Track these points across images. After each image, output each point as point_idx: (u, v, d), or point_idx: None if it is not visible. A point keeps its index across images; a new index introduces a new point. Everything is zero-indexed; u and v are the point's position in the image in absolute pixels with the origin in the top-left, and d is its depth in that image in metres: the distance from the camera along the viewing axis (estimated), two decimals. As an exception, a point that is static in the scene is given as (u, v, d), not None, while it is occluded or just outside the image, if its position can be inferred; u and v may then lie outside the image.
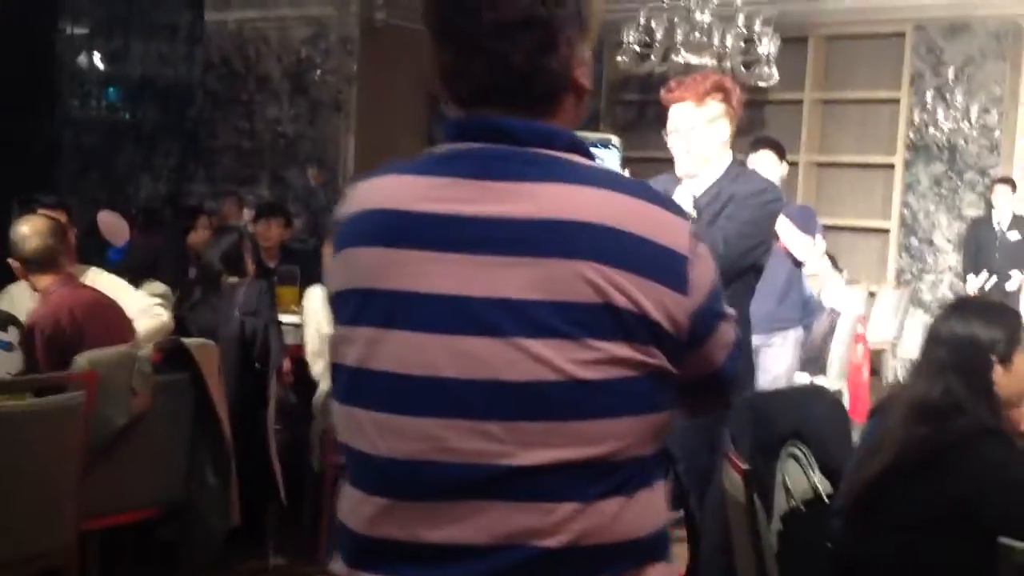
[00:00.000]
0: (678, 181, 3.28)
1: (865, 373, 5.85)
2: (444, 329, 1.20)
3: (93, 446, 3.21)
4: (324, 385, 4.36)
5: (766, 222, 3.25)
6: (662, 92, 3.31)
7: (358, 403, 1.25)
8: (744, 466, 2.39)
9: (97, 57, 7.74)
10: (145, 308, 4.03)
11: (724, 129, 3.21)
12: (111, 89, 7.82)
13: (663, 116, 9.88)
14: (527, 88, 1.24)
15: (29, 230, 3.56)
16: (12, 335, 3.12)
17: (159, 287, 4.88)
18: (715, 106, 3.18)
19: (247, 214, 6.90)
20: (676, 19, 7.64)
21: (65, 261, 3.65)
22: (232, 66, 7.25)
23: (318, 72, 7.37)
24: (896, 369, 7.38)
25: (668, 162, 3.35)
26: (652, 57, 7.77)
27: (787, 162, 5.59)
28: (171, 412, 3.61)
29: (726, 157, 3.26)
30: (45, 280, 3.54)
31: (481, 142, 1.24)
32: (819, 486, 2.85)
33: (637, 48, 7.91)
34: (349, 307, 1.27)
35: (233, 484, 3.72)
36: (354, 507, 1.27)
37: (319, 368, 4.42)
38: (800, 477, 2.89)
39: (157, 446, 3.58)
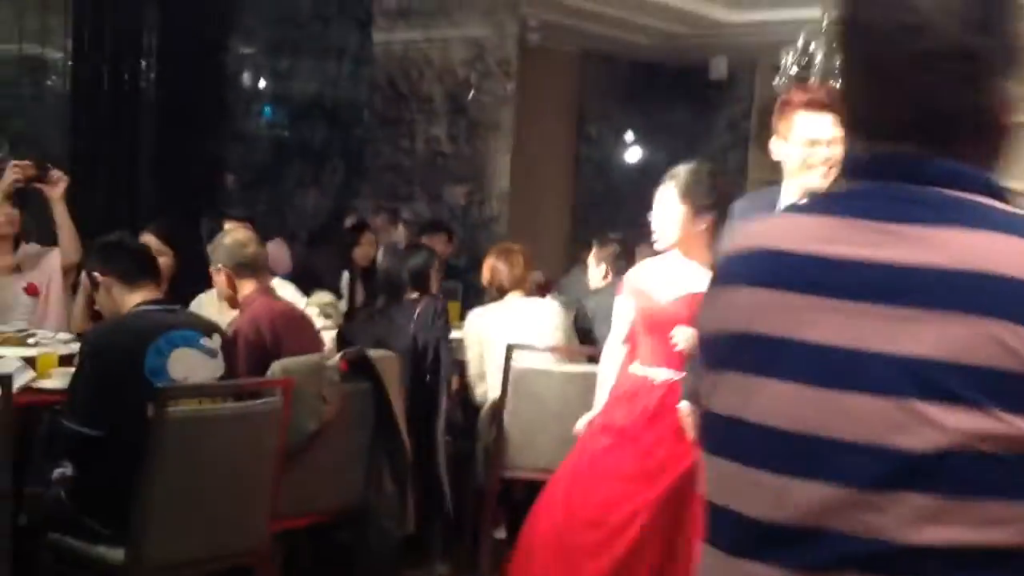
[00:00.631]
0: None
1: None
2: (824, 383, 1.09)
3: (288, 450, 3.35)
4: (487, 403, 4.48)
5: None
6: (795, 97, 2.97)
7: (727, 455, 1.17)
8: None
9: (264, 77, 8.05)
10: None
11: None
12: (270, 108, 8.12)
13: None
14: (948, 125, 1.12)
15: (244, 238, 3.75)
16: (215, 342, 3.28)
17: (326, 296, 5.08)
18: None
19: (401, 230, 7.08)
20: (835, 43, 7.54)
21: (266, 271, 3.84)
22: (397, 87, 7.47)
23: (472, 93, 7.52)
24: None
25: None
26: (812, 80, 7.68)
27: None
28: (354, 420, 3.74)
29: None
30: (248, 287, 3.72)
31: (886, 180, 1.13)
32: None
33: (794, 70, 7.82)
34: (718, 350, 1.19)
35: (410, 493, 3.83)
36: (710, 570, 1.18)
37: (481, 390, 4.55)
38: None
39: (340, 453, 3.71)
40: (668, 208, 3.30)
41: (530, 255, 4.69)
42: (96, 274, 3.34)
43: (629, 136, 11.43)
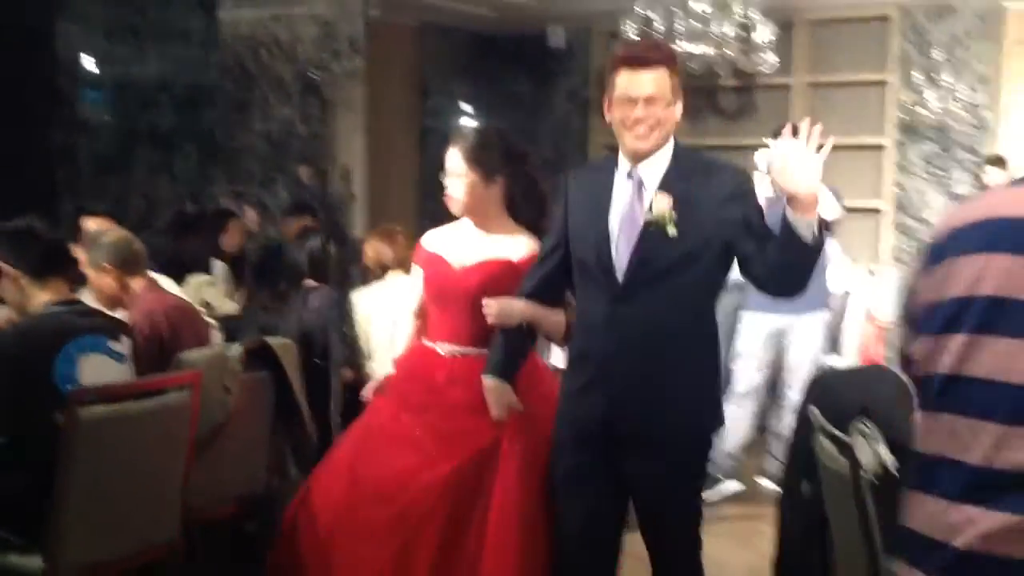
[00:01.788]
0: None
1: (880, 351, 6.09)
2: None
3: (197, 443, 3.36)
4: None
5: None
6: (618, 53, 2.81)
7: (951, 409, 1.30)
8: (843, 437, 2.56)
9: (102, 61, 7.82)
10: None
11: None
12: (105, 94, 7.87)
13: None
14: None
15: (126, 235, 3.69)
16: (123, 345, 3.24)
17: (204, 277, 5.03)
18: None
19: (252, 215, 7.00)
20: (673, 8, 7.82)
21: (146, 266, 3.80)
22: (247, 68, 7.37)
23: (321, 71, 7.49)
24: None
25: (710, 148, 3.17)
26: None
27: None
28: (255, 409, 3.77)
29: None
30: (138, 283, 3.68)
31: None
32: (888, 461, 3.04)
33: (635, 38, 8.08)
34: (941, 316, 1.31)
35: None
36: (931, 516, 1.29)
37: (368, 368, 4.61)
38: (868, 452, 3.09)
39: (244, 442, 3.74)
40: (456, 173, 3.12)
41: (411, 235, 4.77)
42: (2, 265, 3.18)
43: (470, 107, 11.54)
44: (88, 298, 4.11)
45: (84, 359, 3.11)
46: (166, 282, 4.52)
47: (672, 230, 2.67)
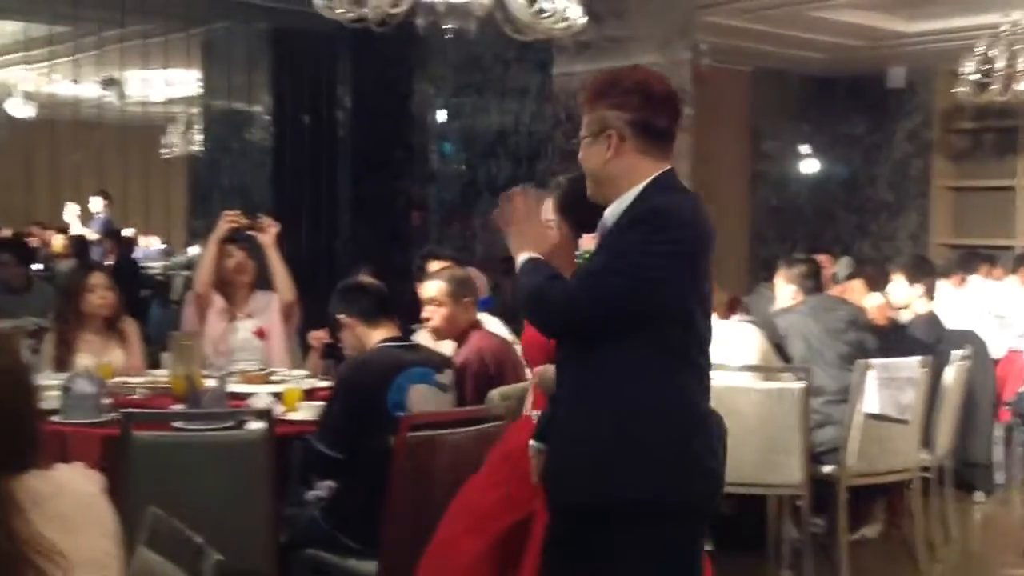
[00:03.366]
0: None
1: None
2: None
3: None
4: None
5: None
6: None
7: None
8: None
9: (450, 118, 8.51)
10: None
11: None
12: (450, 147, 8.56)
13: (1002, 143, 9.74)
14: None
15: (470, 274, 4.11)
16: (447, 377, 3.62)
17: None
18: None
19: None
20: (1017, 46, 7.47)
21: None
22: (576, 121, 7.78)
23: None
24: None
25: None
26: (993, 86, 7.63)
27: None
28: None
29: None
30: (468, 320, 4.06)
31: None
32: None
33: (975, 77, 7.78)
34: None
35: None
36: None
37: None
38: None
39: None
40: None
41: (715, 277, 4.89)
42: (341, 316, 3.72)
43: (805, 150, 11.44)
44: (423, 336, 4.56)
45: (412, 389, 3.50)
46: (492, 322, 4.91)
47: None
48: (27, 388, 1.89)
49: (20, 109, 11.42)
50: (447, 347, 4.11)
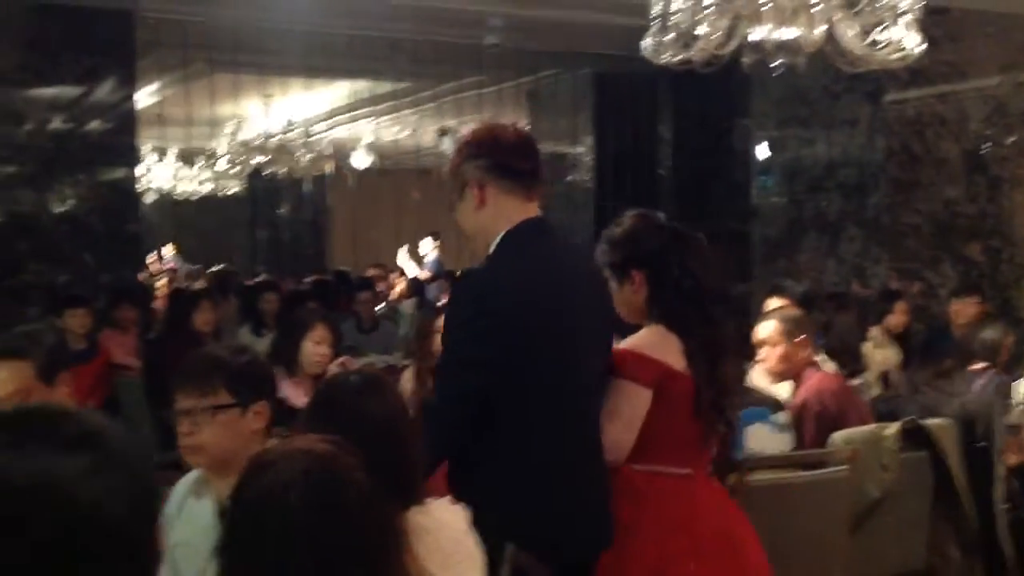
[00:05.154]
0: None
1: None
2: None
3: (853, 516, 3.56)
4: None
5: None
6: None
7: None
8: None
9: (774, 152, 8.40)
10: None
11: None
12: (770, 180, 8.43)
13: None
14: None
15: (795, 311, 4.06)
16: (783, 417, 3.58)
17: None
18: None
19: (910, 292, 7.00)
20: None
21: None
22: (911, 150, 7.49)
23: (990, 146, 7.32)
24: None
25: None
26: None
27: None
28: (913, 487, 3.86)
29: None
30: (805, 358, 3.98)
31: None
32: None
33: None
34: None
35: (976, 558, 3.87)
36: None
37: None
38: None
39: (901, 519, 3.85)
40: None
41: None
42: None
43: None
44: (759, 377, 4.51)
45: (749, 429, 3.47)
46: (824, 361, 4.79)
47: None
48: (411, 426, 2.06)
49: (363, 160, 12.35)
50: (784, 388, 4.05)
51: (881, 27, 4.63)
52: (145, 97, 7.95)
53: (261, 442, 2.18)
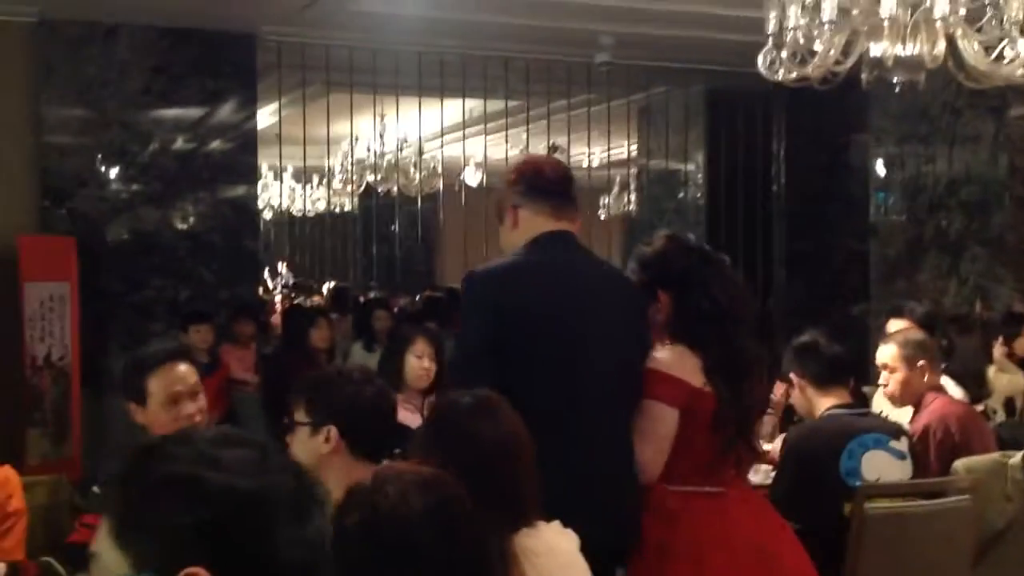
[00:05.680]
0: None
1: None
2: None
3: (976, 547, 3.44)
4: None
5: None
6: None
7: None
8: None
9: (893, 170, 8.20)
10: None
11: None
12: (885, 196, 8.22)
13: None
14: None
15: (919, 334, 3.95)
16: (903, 444, 3.48)
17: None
18: None
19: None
20: None
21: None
22: None
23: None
24: None
25: None
26: None
27: None
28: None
29: None
30: (928, 384, 3.88)
31: None
32: None
33: None
34: None
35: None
36: None
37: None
38: None
39: (1026, 552, 3.70)
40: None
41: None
42: (793, 375, 3.69)
43: None
44: (880, 401, 4.40)
45: (867, 455, 3.39)
46: (949, 385, 4.65)
47: None
48: (527, 449, 2.06)
49: (474, 178, 12.45)
50: (905, 413, 3.94)
51: (1005, 41, 4.50)
52: (265, 117, 8.15)
53: (343, 467, 2.23)
